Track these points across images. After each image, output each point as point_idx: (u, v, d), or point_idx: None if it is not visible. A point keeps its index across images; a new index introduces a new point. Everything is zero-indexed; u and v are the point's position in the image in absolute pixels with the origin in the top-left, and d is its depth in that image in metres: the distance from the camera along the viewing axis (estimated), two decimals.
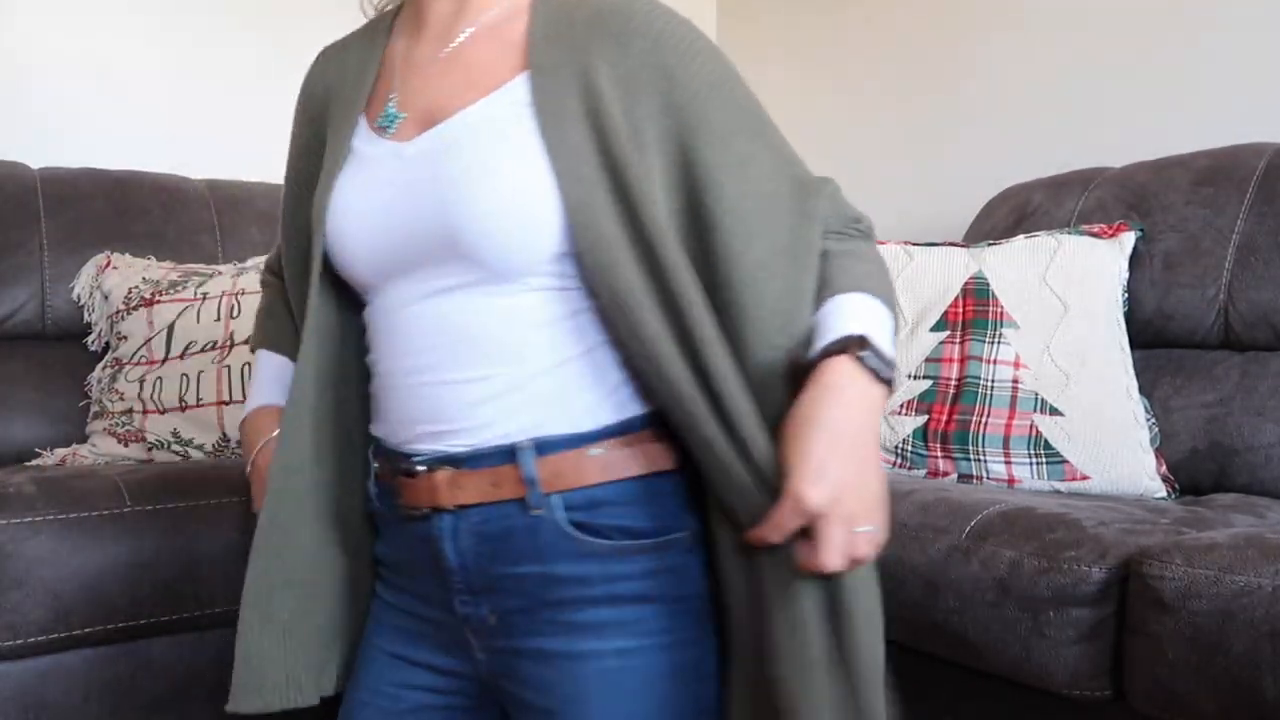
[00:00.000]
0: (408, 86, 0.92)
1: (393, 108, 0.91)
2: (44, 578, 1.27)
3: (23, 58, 2.02)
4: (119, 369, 1.76)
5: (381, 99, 0.94)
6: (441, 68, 0.90)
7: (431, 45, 0.93)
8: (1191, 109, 1.95)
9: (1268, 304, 1.57)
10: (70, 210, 1.88)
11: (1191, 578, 1.06)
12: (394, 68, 0.95)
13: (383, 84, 0.96)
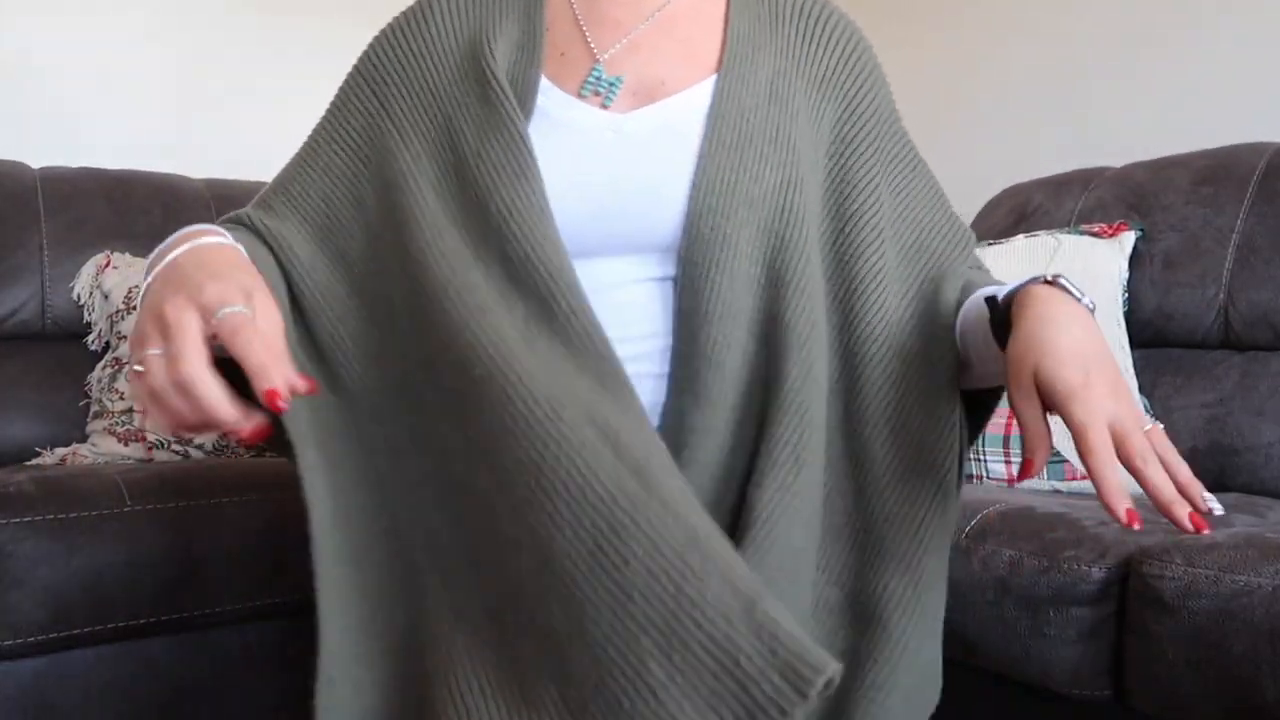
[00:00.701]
0: (609, 49, 0.85)
1: (604, 73, 0.84)
2: (44, 578, 1.27)
3: (23, 58, 2.02)
4: (119, 368, 1.76)
5: (570, 59, 0.86)
6: (652, 35, 0.86)
7: (624, 4, 0.87)
8: (1191, 109, 1.95)
9: (1268, 304, 1.57)
10: (70, 210, 1.88)
11: (1191, 577, 1.06)
12: (569, 22, 0.88)
13: (557, 40, 0.87)
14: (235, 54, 2.24)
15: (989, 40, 2.30)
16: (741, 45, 0.84)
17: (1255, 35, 1.86)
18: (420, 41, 0.87)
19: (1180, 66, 1.97)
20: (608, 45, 0.85)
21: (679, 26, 0.85)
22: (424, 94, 0.85)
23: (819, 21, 0.86)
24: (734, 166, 0.78)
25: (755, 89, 0.81)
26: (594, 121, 0.82)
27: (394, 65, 0.88)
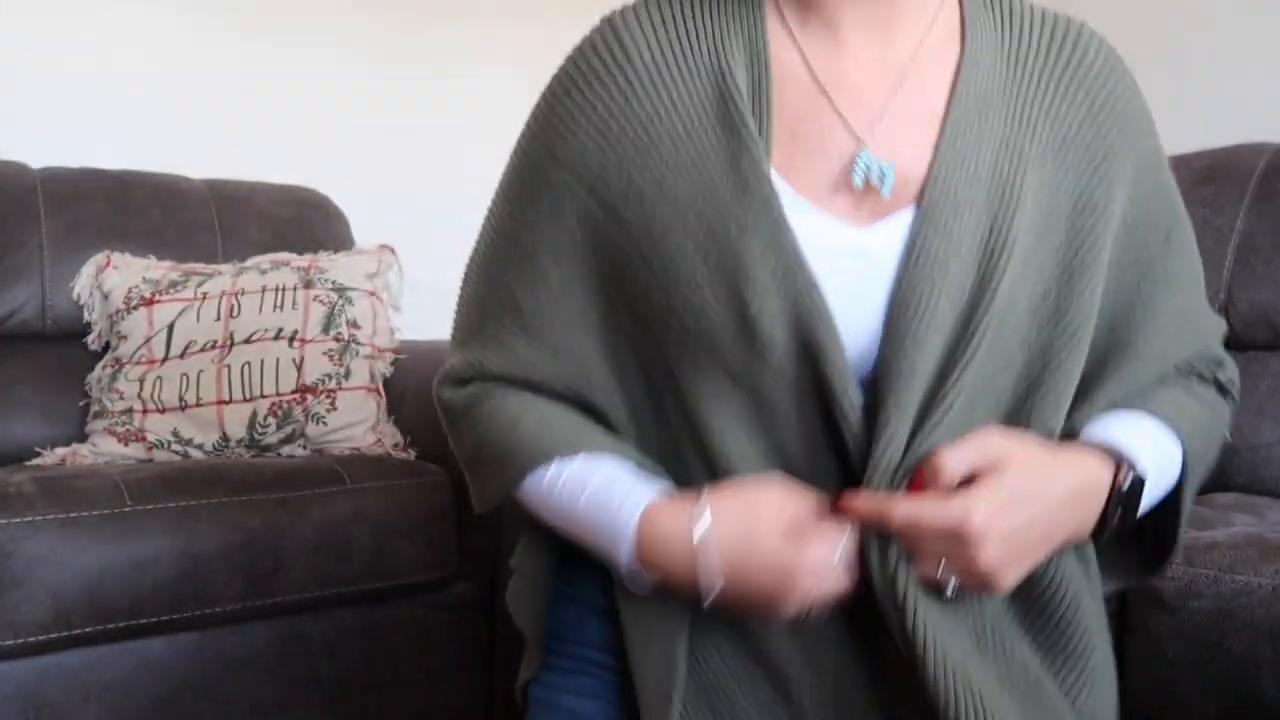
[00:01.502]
0: (864, 123, 0.69)
1: (871, 156, 0.68)
2: (44, 578, 1.27)
3: (23, 57, 2.02)
4: (119, 368, 1.76)
5: (807, 135, 0.69)
6: (899, 107, 0.70)
7: (875, 61, 0.70)
8: (1191, 109, 1.95)
9: (1268, 304, 1.57)
10: (70, 210, 1.88)
11: (1191, 577, 1.06)
12: (809, 92, 0.70)
13: (789, 103, 0.70)
14: (235, 54, 2.24)
15: None
16: (968, 109, 0.69)
17: (1255, 35, 1.86)
18: (629, 115, 0.70)
19: (1180, 66, 1.97)
20: (859, 119, 0.69)
21: (915, 91, 0.70)
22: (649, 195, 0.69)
23: (1066, 63, 0.71)
24: (933, 285, 0.67)
25: (977, 175, 0.68)
26: (837, 240, 0.68)
27: (600, 163, 0.70)
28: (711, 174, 0.67)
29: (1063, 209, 0.70)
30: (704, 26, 0.70)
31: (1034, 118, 0.70)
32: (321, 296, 1.83)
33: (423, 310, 2.16)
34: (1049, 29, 0.72)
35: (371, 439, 1.76)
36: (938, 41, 0.71)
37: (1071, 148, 0.71)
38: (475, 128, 2.55)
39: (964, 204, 0.67)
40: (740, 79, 0.69)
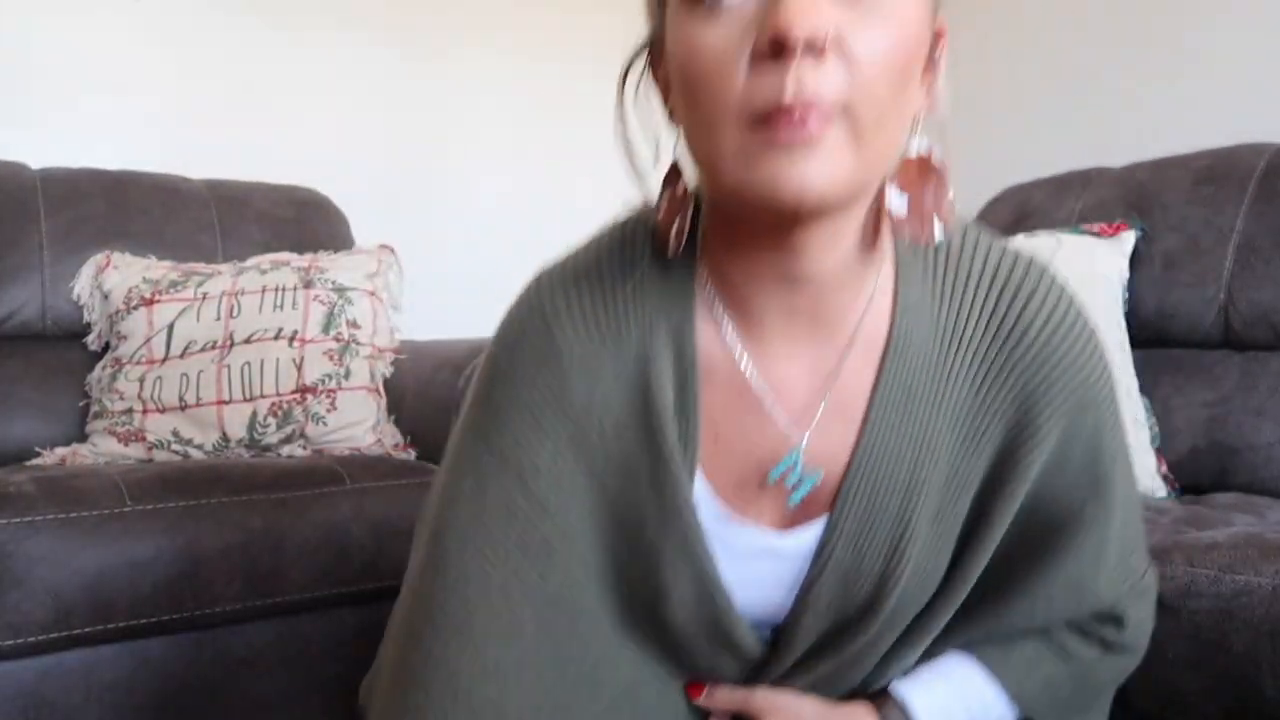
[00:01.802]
0: (794, 424, 0.69)
1: (801, 460, 0.68)
2: (44, 578, 1.27)
3: (23, 57, 2.02)
4: (119, 368, 1.76)
5: (735, 436, 0.69)
6: (835, 400, 0.68)
7: (804, 357, 0.68)
8: (1192, 109, 1.95)
9: (1268, 303, 1.57)
10: (70, 210, 1.88)
11: (1191, 577, 1.06)
12: (740, 390, 0.69)
13: (718, 401, 0.69)
14: (235, 54, 2.24)
15: (990, 40, 2.30)
16: (889, 412, 0.68)
17: (1255, 35, 1.86)
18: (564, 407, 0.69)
19: (1180, 66, 1.97)
20: (789, 420, 0.69)
21: (843, 389, 0.69)
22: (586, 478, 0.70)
23: (1004, 342, 0.68)
24: (841, 591, 0.70)
25: (892, 483, 0.68)
26: (754, 545, 0.70)
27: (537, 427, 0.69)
28: (638, 477, 0.68)
29: (967, 495, 0.70)
30: (632, 318, 0.68)
31: (958, 401, 0.68)
32: (321, 296, 1.83)
33: (423, 310, 2.16)
34: (991, 299, 0.68)
35: (371, 439, 1.76)
36: (869, 332, 0.68)
37: (992, 436, 0.69)
38: (475, 128, 2.55)
39: (876, 513, 0.68)
40: (665, 379, 0.67)
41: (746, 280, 0.66)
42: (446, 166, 2.51)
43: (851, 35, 0.55)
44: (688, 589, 0.70)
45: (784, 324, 0.67)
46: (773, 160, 0.55)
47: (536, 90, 2.60)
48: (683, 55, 0.58)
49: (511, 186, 2.56)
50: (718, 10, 0.56)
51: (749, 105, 0.56)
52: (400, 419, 1.80)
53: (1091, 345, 0.70)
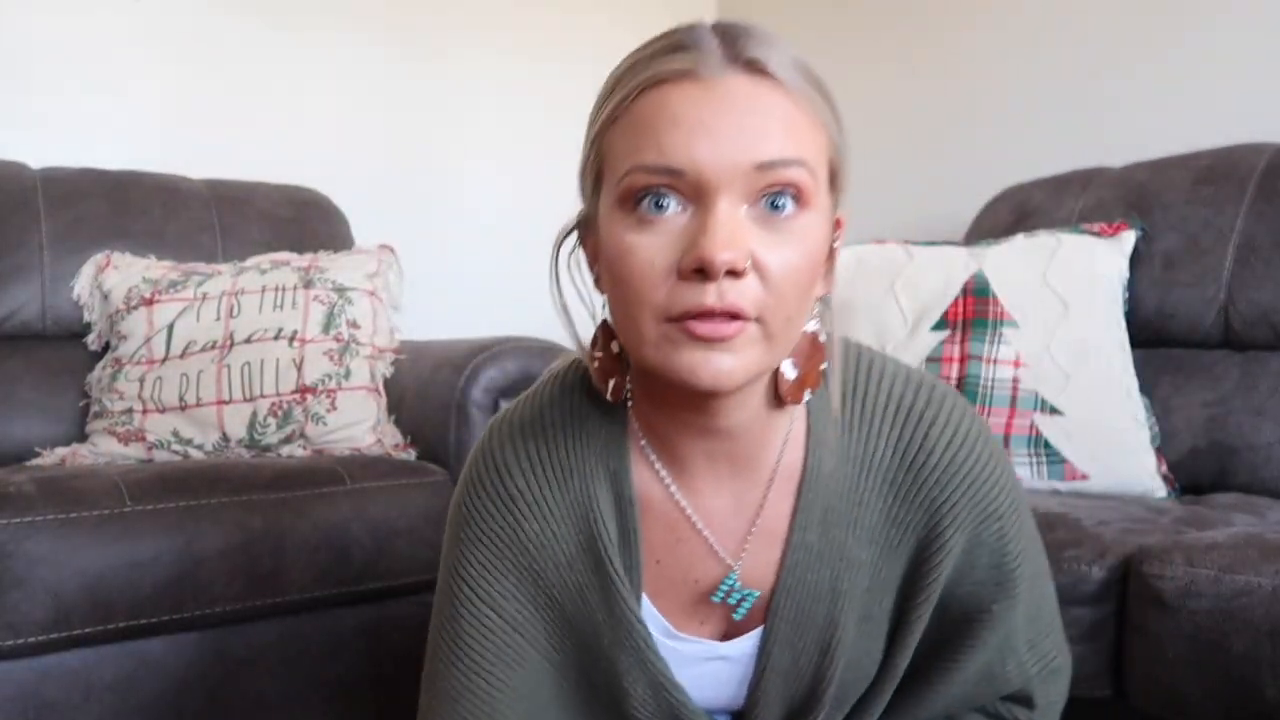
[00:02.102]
0: (729, 547, 0.78)
1: (737, 582, 0.77)
2: (44, 578, 1.27)
3: (23, 57, 2.02)
4: (119, 368, 1.76)
5: (675, 564, 0.78)
6: (761, 528, 0.77)
7: (728, 493, 0.77)
8: (1191, 109, 1.95)
9: (1268, 303, 1.57)
10: (70, 210, 1.88)
11: (1191, 577, 1.06)
12: (675, 521, 0.78)
13: (657, 532, 0.78)
14: (236, 54, 2.24)
15: (990, 40, 2.30)
16: (808, 534, 0.76)
17: (1255, 35, 1.86)
18: (521, 545, 0.78)
19: (1180, 66, 1.97)
20: (725, 545, 0.77)
21: (768, 515, 0.77)
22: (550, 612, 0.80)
23: (909, 467, 0.75)
24: (783, 685, 0.80)
25: (816, 595, 0.77)
26: (700, 652, 0.80)
27: (499, 563, 0.79)
28: (590, 601, 0.78)
29: (889, 598, 0.79)
30: (574, 463, 0.77)
31: (872, 522, 0.76)
32: (321, 296, 1.83)
33: (423, 310, 2.16)
34: (896, 429, 0.75)
35: (371, 439, 1.76)
36: (786, 467, 0.76)
37: (905, 547, 0.77)
38: (475, 128, 2.55)
39: (804, 620, 0.77)
40: (608, 516, 0.77)
41: (671, 431, 0.75)
42: (447, 166, 2.51)
43: (766, 254, 0.63)
44: (646, 691, 0.79)
45: (707, 466, 0.75)
46: (692, 352, 0.64)
47: (537, 90, 2.60)
48: (613, 252, 0.66)
49: (511, 187, 2.56)
50: (650, 222, 0.64)
51: (671, 308, 0.63)
52: (400, 419, 1.80)
53: (994, 461, 0.77)
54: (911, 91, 2.47)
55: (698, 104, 0.63)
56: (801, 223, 0.64)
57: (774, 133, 0.63)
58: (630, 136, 0.65)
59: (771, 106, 0.63)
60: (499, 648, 0.79)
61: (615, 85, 0.67)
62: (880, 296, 1.73)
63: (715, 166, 0.62)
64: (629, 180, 0.64)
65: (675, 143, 0.62)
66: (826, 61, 2.34)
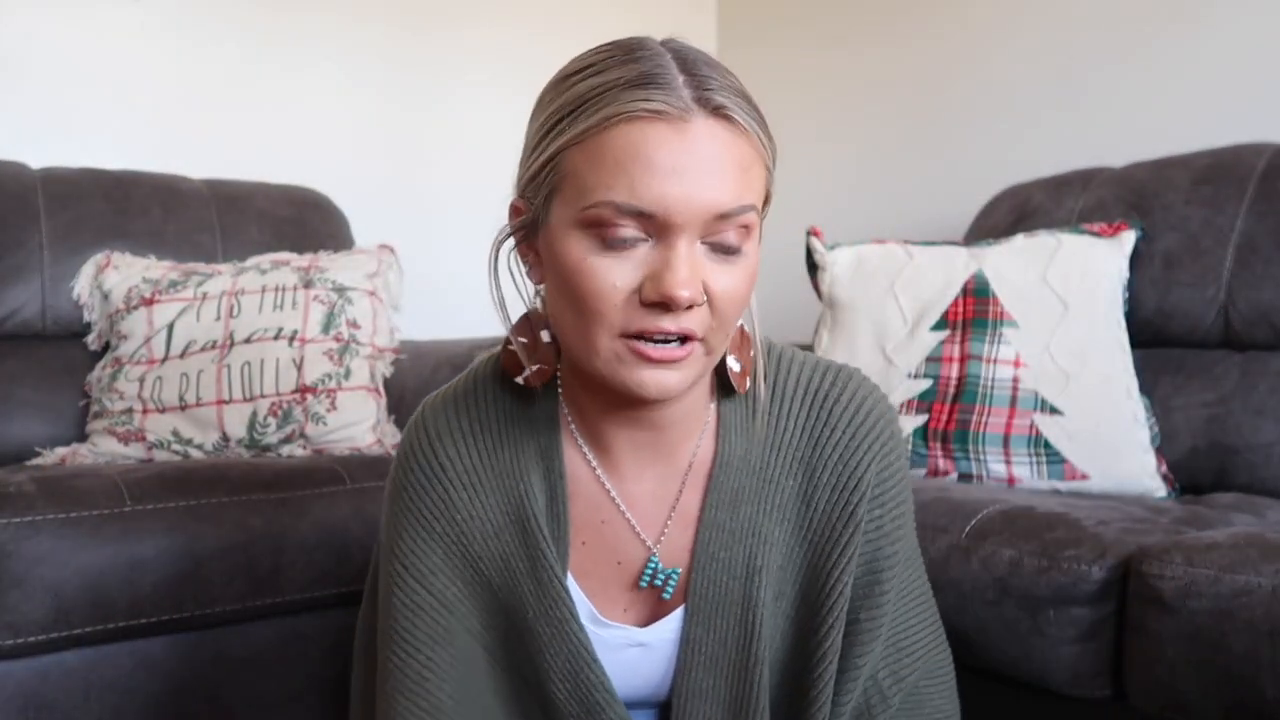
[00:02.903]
0: (653, 532, 0.82)
1: (660, 564, 0.82)
2: (44, 577, 1.27)
3: (23, 57, 2.02)
4: (119, 368, 1.76)
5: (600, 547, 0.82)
6: (679, 511, 0.82)
7: (650, 479, 0.82)
8: (1191, 109, 1.95)
9: (1268, 303, 1.57)
10: (70, 210, 1.88)
11: (1191, 577, 1.06)
12: (601, 502, 0.82)
13: (584, 513, 0.82)
14: (235, 54, 2.24)
15: (989, 39, 2.30)
16: (719, 513, 0.81)
17: (1255, 35, 1.86)
18: (451, 514, 0.82)
19: (1180, 66, 1.97)
20: (648, 529, 0.82)
21: (686, 499, 0.82)
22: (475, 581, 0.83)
23: (816, 443, 0.81)
24: (709, 671, 0.82)
25: (731, 570, 0.81)
26: (621, 639, 0.83)
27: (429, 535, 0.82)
28: (518, 571, 0.81)
29: (798, 577, 0.82)
30: (504, 436, 0.82)
31: (783, 501, 0.81)
32: (321, 296, 1.83)
33: (423, 310, 2.16)
34: (804, 409, 0.82)
35: (371, 439, 1.76)
36: (704, 451, 0.82)
37: (816, 522, 0.81)
38: (475, 128, 2.55)
39: (723, 597, 0.81)
40: (537, 488, 0.81)
41: (600, 420, 0.80)
42: (447, 167, 2.52)
43: (715, 283, 0.70)
44: (565, 664, 0.81)
45: (632, 453, 0.81)
46: (641, 369, 0.70)
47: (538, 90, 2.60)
48: (570, 268, 0.70)
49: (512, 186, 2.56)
50: (615, 249, 0.68)
51: (628, 327, 0.69)
52: (400, 419, 1.80)
53: (896, 437, 0.84)
54: (911, 92, 2.47)
55: (671, 150, 0.67)
56: (745, 251, 0.71)
57: (733, 183, 0.69)
58: (600, 169, 0.68)
59: (734, 155, 0.69)
60: (429, 625, 0.81)
61: (581, 104, 0.69)
62: (880, 296, 1.73)
63: (683, 212, 0.67)
64: (597, 212, 0.68)
65: (648, 186, 0.67)
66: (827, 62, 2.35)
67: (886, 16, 2.52)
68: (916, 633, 0.89)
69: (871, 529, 0.82)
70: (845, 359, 1.73)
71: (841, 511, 0.81)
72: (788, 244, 2.02)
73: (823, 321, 1.80)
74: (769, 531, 0.81)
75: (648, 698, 0.86)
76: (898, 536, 0.84)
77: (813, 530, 0.81)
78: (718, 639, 0.81)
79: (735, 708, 0.82)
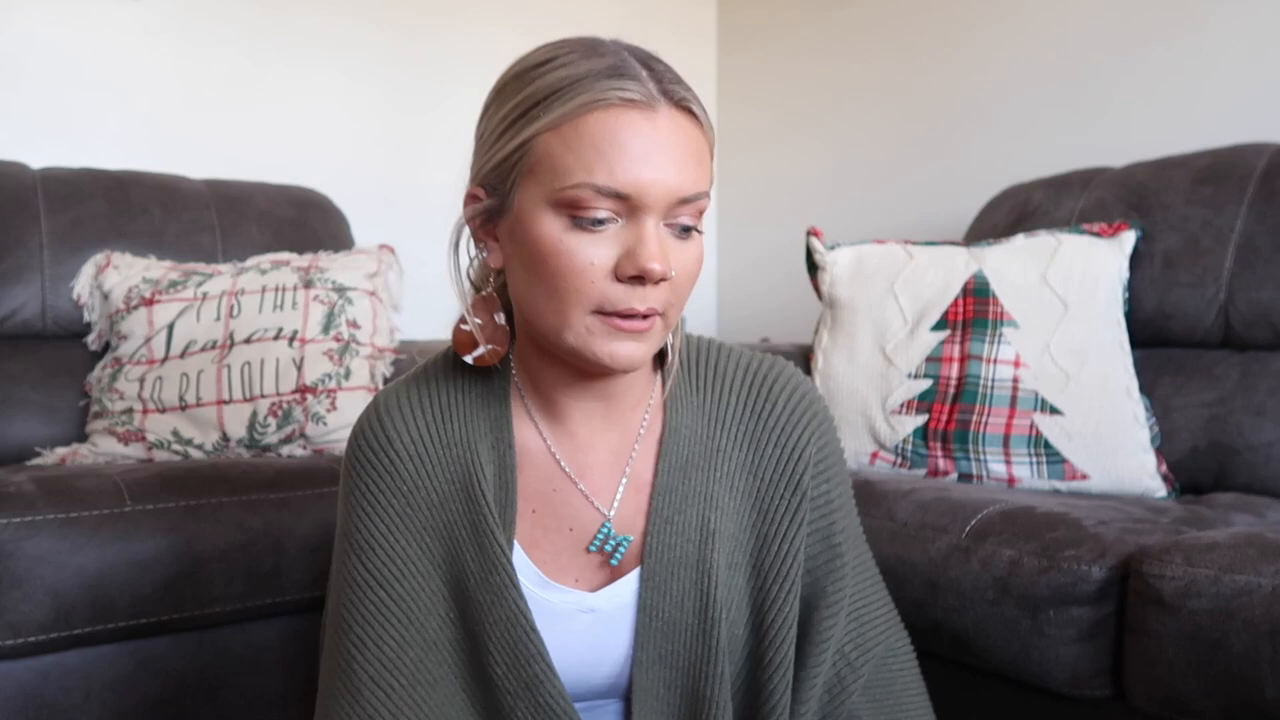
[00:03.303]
0: (602, 498, 0.86)
1: (613, 529, 0.84)
2: (44, 577, 1.27)
3: (23, 57, 2.02)
4: (119, 368, 1.76)
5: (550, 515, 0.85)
6: (631, 479, 0.86)
7: (602, 448, 0.86)
8: (1191, 109, 1.95)
9: (1268, 303, 1.57)
10: (70, 210, 1.88)
11: (1191, 577, 1.06)
12: (551, 472, 0.85)
13: (533, 484, 0.85)
14: (235, 53, 2.24)
15: (989, 39, 2.30)
16: (671, 477, 0.85)
17: (1255, 35, 1.87)
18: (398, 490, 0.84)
19: (1180, 66, 1.97)
20: (599, 496, 0.85)
21: (636, 467, 0.87)
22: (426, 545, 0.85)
23: (757, 417, 0.87)
24: (668, 636, 0.84)
25: (685, 533, 0.84)
26: (571, 604, 0.84)
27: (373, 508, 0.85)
28: (459, 538, 0.83)
29: (750, 546, 0.86)
30: (454, 411, 0.85)
31: (731, 470, 0.86)
32: (321, 296, 1.83)
33: (423, 310, 2.16)
34: (745, 387, 0.88)
35: None
36: (651, 425, 0.87)
37: (764, 491, 0.86)
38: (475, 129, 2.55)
39: (677, 560, 0.84)
40: (485, 459, 0.83)
41: (557, 393, 0.84)
42: (447, 166, 2.51)
43: (675, 261, 0.76)
44: (503, 633, 0.82)
45: (584, 423, 0.85)
46: (612, 342, 0.76)
47: None
48: (545, 248, 0.75)
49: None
50: (590, 230, 0.74)
51: (603, 303, 0.75)
52: None
53: (831, 419, 0.90)
54: (911, 91, 2.47)
55: (643, 136, 0.73)
56: (697, 236, 0.79)
57: (693, 170, 0.76)
58: (577, 152, 0.73)
59: (693, 145, 0.76)
60: (373, 601, 0.83)
61: (552, 93, 0.74)
62: (880, 296, 1.73)
63: (653, 194, 0.74)
64: (575, 193, 0.73)
65: (625, 169, 0.73)
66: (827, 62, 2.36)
67: (887, 17, 2.52)
68: (876, 607, 0.92)
69: (820, 501, 0.88)
70: (845, 359, 1.73)
71: (788, 481, 0.86)
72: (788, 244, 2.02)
73: (823, 321, 1.80)
74: (719, 497, 0.85)
75: (607, 683, 0.87)
76: (848, 510, 0.91)
77: (761, 499, 0.86)
78: (674, 603, 0.84)
79: (694, 672, 0.84)
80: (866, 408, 1.68)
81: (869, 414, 1.67)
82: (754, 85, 2.81)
